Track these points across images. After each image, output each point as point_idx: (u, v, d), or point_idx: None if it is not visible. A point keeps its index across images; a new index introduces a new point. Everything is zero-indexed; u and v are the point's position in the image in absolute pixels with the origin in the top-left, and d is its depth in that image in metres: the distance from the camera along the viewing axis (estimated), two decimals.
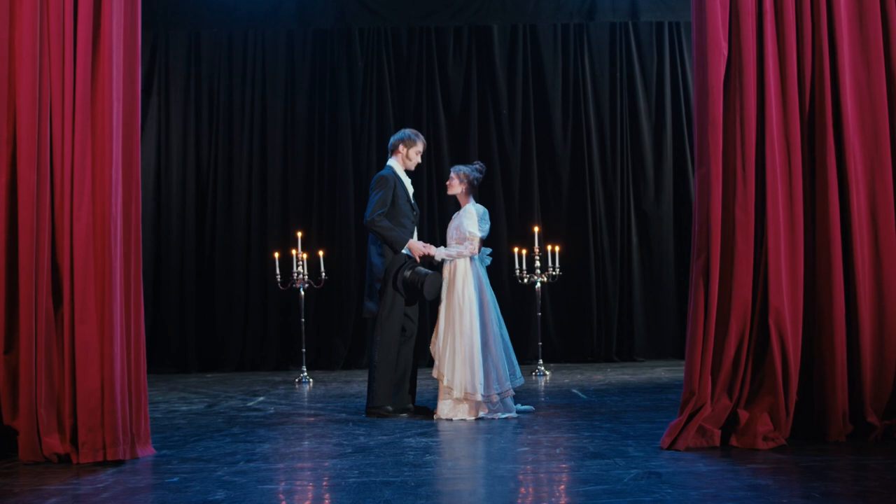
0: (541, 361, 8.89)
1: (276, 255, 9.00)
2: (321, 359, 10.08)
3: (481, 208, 6.24)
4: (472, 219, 6.13)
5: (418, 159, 6.46)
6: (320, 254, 8.90)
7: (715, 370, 4.77)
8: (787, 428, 4.73)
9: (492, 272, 6.40)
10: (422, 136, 6.50)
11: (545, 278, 8.89)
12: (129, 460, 4.71)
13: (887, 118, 4.90)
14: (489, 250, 6.27)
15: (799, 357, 4.78)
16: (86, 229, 4.69)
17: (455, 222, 6.24)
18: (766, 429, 4.67)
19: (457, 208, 6.37)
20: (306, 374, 8.72)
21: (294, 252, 8.69)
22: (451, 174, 6.33)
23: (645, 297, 10.29)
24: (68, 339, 4.68)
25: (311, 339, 9.86)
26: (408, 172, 6.44)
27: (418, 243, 6.26)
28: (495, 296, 6.23)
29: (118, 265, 4.73)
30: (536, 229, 8.95)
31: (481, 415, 5.94)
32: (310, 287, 8.88)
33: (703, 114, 4.82)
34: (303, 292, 8.81)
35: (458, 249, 6.12)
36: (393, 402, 6.18)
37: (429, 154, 9.83)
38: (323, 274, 8.79)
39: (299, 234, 8.81)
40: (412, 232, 6.31)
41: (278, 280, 8.82)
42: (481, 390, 5.90)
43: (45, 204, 4.73)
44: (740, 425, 4.71)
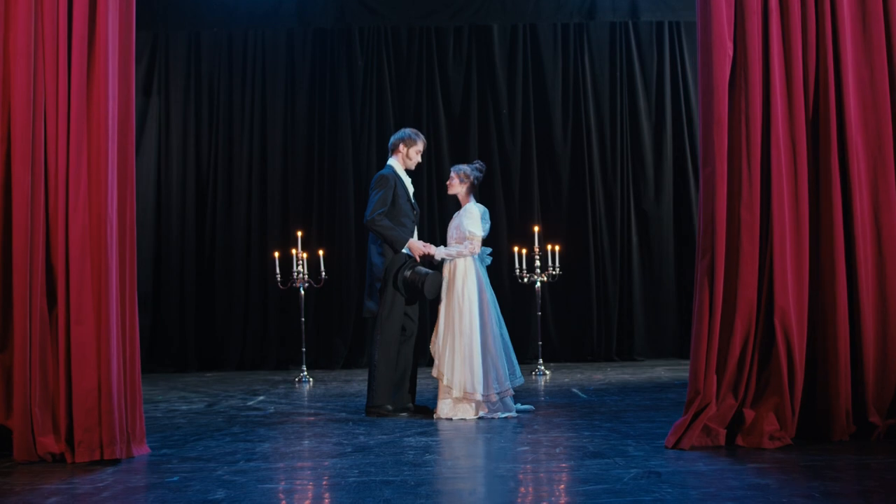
0: (541, 361, 8.89)
1: (276, 254, 9.01)
2: (321, 358, 10.08)
3: (481, 208, 6.24)
4: (472, 218, 6.13)
5: (419, 159, 6.46)
6: (320, 253, 8.90)
7: (720, 369, 4.76)
8: (793, 427, 4.73)
9: (492, 272, 6.41)
10: (422, 136, 6.50)
11: (545, 278, 8.89)
12: (125, 459, 4.71)
13: (890, 118, 4.90)
14: (489, 250, 6.27)
15: (804, 357, 4.78)
16: (81, 229, 4.69)
17: (455, 221, 6.24)
18: (772, 428, 4.67)
19: (457, 207, 6.37)
20: (306, 373, 8.72)
21: (294, 251, 8.70)
22: (452, 173, 6.33)
23: (645, 297, 10.29)
24: (63, 339, 4.68)
25: (311, 339, 9.86)
26: (408, 172, 6.44)
27: (418, 243, 6.26)
28: (495, 295, 6.23)
29: (114, 265, 4.73)
30: (536, 229, 8.95)
31: (481, 414, 5.94)
32: (310, 286, 8.88)
33: (708, 113, 4.81)
34: (303, 292, 8.82)
35: (457, 249, 6.12)
36: (393, 401, 6.18)
37: (429, 154, 9.83)
38: (323, 273, 8.79)
39: (299, 234, 8.81)
40: (412, 231, 6.31)
41: (278, 279, 8.83)
42: (480, 390, 5.90)
43: (40, 204, 4.73)
44: (746, 425, 4.70)
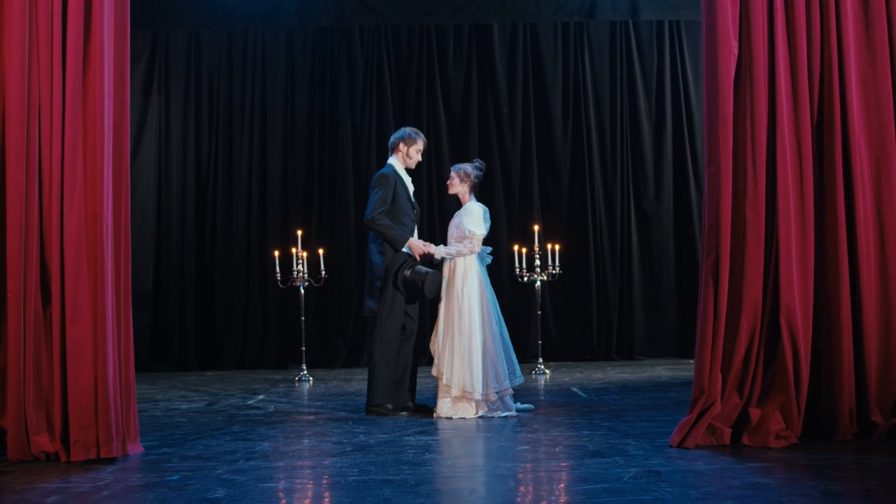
0: (540, 360, 8.89)
1: (276, 253, 9.01)
2: (321, 357, 10.08)
3: (482, 207, 6.24)
4: (472, 217, 6.13)
5: (419, 157, 6.46)
6: (320, 252, 8.90)
7: (725, 368, 4.76)
8: (799, 426, 4.73)
9: (492, 271, 6.41)
10: (422, 135, 6.50)
11: (545, 277, 8.89)
12: (120, 458, 4.71)
13: (892, 117, 4.89)
14: (489, 249, 6.27)
15: (809, 355, 4.78)
16: (77, 228, 4.68)
17: (456, 220, 6.24)
18: (778, 427, 4.67)
19: (458, 206, 6.37)
20: (306, 372, 8.73)
21: (294, 250, 8.70)
22: (452, 173, 6.33)
23: (645, 296, 10.29)
24: (58, 337, 4.67)
25: (311, 338, 9.86)
26: (408, 171, 6.44)
27: (418, 242, 6.26)
28: (495, 294, 6.24)
29: (109, 264, 4.73)
30: (536, 228, 8.95)
31: (481, 413, 5.94)
32: (310, 285, 8.88)
33: (713, 112, 4.80)
34: (303, 291, 8.82)
35: (457, 248, 6.12)
36: (393, 400, 6.18)
37: (429, 153, 9.83)
38: (323, 272, 8.80)
39: (299, 233, 8.81)
40: (412, 230, 6.31)
41: (278, 278, 8.83)
42: (479, 389, 5.90)
43: (34, 203, 4.73)
44: (752, 424, 4.70)
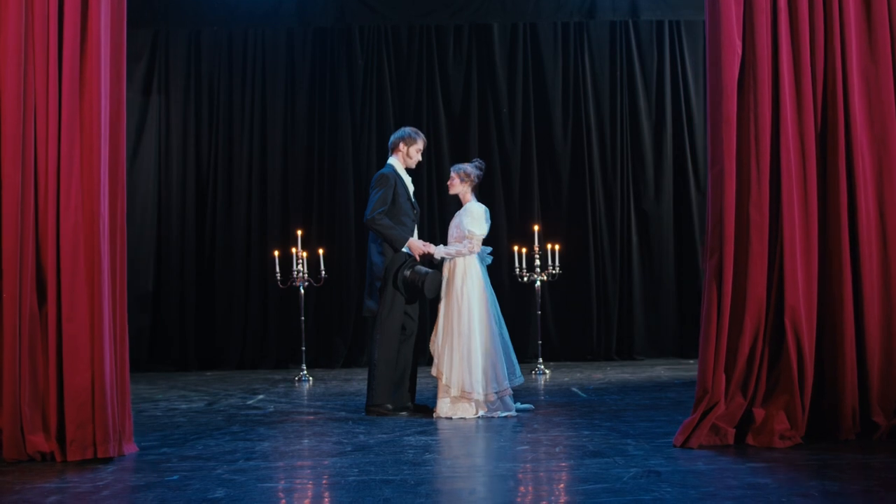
0: (540, 360, 8.89)
1: (276, 253, 9.00)
2: (321, 357, 10.08)
3: (483, 207, 6.24)
4: (472, 217, 6.13)
5: (419, 157, 6.46)
6: (320, 252, 8.90)
7: (729, 368, 4.76)
8: (803, 426, 4.73)
9: (492, 271, 6.41)
10: (422, 135, 6.50)
11: (545, 277, 8.89)
12: (116, 458, 4.71)
13: (895, 116, 4.89)
14: (489, 249, 6.27)
15: (813, 355, 4.78)
16: (74, 227, 4.68)
17: (456, 220, 6.24)
18: (782, 427, 4.67)
19: (458, 206, 6.37)
20: (306, 372, 8.73)
21: (294, 250, 8.70)
22: (452, 173, 6.33)
23: (645, 296, 10.29)
24: (54, 336, 4.67)
25: (311, 338, 9.86)
26: (408, 171, 6.44)
27: (418, 242, 6.26)
28: (495, 294, 6.23)
29: (106, 263, 4.74)
30: (536, 228, 8.95)
31: (481, 413, 5.94)
32: (310, 285, 8.88)
33: (716, 112, 4.80)
34: (302, 291, 8.82)
35: (457, 248, 6.12)
36: (392, 400, 6.18)
37: (429, 153, 9.83)
38: (323, 272, 8.80)
39: (299, 233, 8.81)
40: (412, 230, 6.31)
41: (278, 278, 8.83)
42: (478, 389, 5.90)
43: (30, 203, 4.72)
44: (756, 424, 4.70)
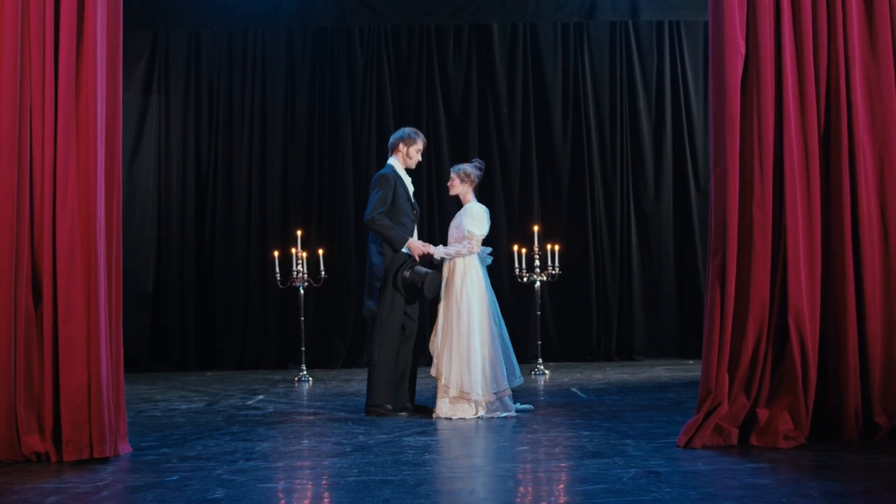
0: (540, 360, 8.89)
1: (276, 253, 9.00)
2: (321, 357, 10.08)
3: (483, 207, 6.24)
4: (472, 217, 6.13)
5: (419, 157, 6.46)
6: (320, 252, 8.90)
7: (732, 369, 4.76)
8: (807, 427, 4.72)
9: (491, 271, 6.40)
10: (422, 135, 6.49)
11: (545, 277, 8.89)
12: (112, 458, 4.71)
13: None
14: (489, 249, 6.26)
15: (817, 356, 4.78)
16: (70, 228, 4.68)
17: (456, 221, 6.24)
18: (786, 428, 4.67)
19: (458, 207, 6.37)
20: (306, 372, 8.72)
21: (294, 251, 8.69)
22: (452, 174, 6.32)
23: (644, 297, 10.28)
24: (49, 337, 4.67)
25: (311, 338, 9.85)
26: (408, 171, 6.44)
27: (418, 242, 6.26)
28: (495, 295, 6.23)
29: (102, 264, 4.73)
30: (536, 228, 8.95)
31: (480, 414, 5.94)
32: (309, 286, 8.88)
33: (719, 113, 4.79)
34: (302, 291, 8.82)
35: (456, 248, 6.12)
36: (392, 400, 6.18)
37: (429, 153, 9.83)
38: (322, 273, 8.79)
39: (299, 233, 8.81)
40: (412, 231, 6.31)
41: (278, 279, 8.83)
42: (477, 389, 5.90)
43: (25, 204, 4.72)
44: (760, 424, 4.70)
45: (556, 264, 8.81)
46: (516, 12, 10.35)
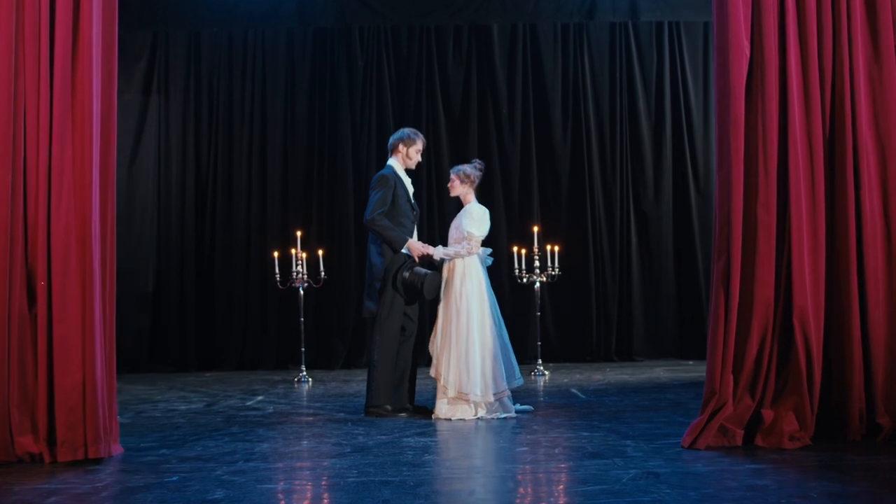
0: (540, 361, 8.89)
1: (276, 254, 9.00)
2: (320, 358, 10.07)
3: (483, 208, 6.24)
4: (471, 218, 6.13)
5: (418, 158, 6.45)
6: (320, 253, 8.90)
7: (736, 369, 4.76)
8: (812, 427, 4.73)
9: (491, 272, 6.40)
10: (421, 135, 6.49)
11: (544, 278, 8.88)
12: (105, 459, 4.71)
13: None
14: (490, 250, 6.26)
15: (821, 356, 4.78)
16: (65, 229, 4.67)
17: (456, 222, 6.24)
18: (791, 428, 4.67)
19: (458, 207, 6.37)
20: (305, 373, 8.72)
21: (293, 251, 8.69)
22: (452, 175, 6.32)
23: (644, 297, 10.28)
24: (44, 338, 4.66)
25: (311, 339, 9.84)
26: (408, 172, 6.44)
27: (417, 243, 6.26)
28: (495, 295, 6.23)
29: (97, 264, 4.73)
30: (536, 229, 8.94)
31: (480, 414, 5.94)
32: (309, 286, 8.88)
33: (724, 113, 4.79)
34: (302, 291, 8.81)
35: (455, 249, 6.12)
36: (392, 401, 6.18)
37: (428, 153, 9.82)
38: (322, 273, 8.79)
39: (299, 234, 8.81)
40: (412, 231, 6.31)
41: (277, 279, 8.82)
42: (475, 390, 5.89)
43: (19, 203, 4.71)
44: (765, 425, 4.70)
45: (556, 265, 8.81)
46: (516, 13, 10.35)
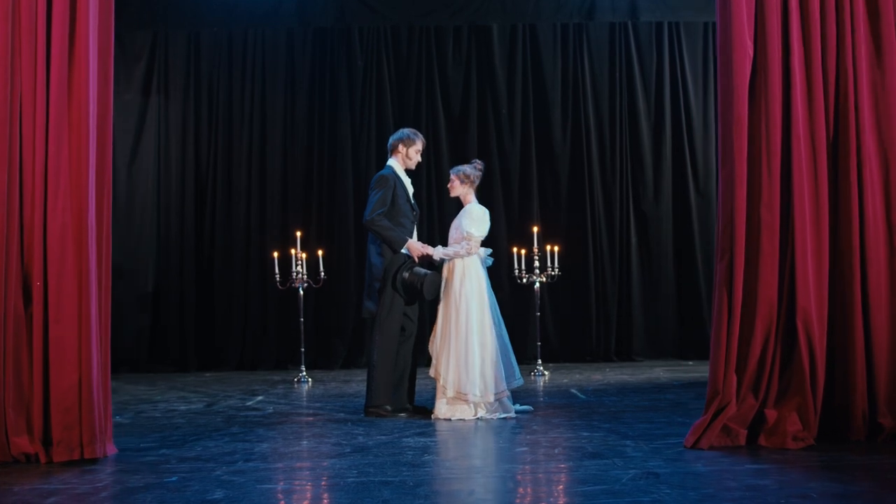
0: (540, 361, 8.89)
1: (276, 254, 9.00)
2: (320, 358, 10.07)
3: (483, 208, 6.24)
4: (471, 218, 6.13)
5: (418, 158, 6.45)
6: (319, 253, 8.90)
7: (740, 370, 4.76)
8: (815, 427, 4.73)
9: (491, 272, 6.40)
10: (421, 135, 6.49)
11: (544, 278, 8.88)
12: (101, 459, 4.71)
13: None
14: (490, 251, 6.26)
15: (824, 357, 4.78)
16: (61, 229, 4.67)
17: (456, 222, 6.24)
18: (795, 428, 4.66)
19: (458, 207, 6.37)
20: (305, 373, 8.72)
21: (293, 251, 8.69)
22: (451, 176, 6.32)
23: (644, 298, 10.28)
24: (40, 338, 4.65)
25: (310, 339, 9.85)
26: (408, 172, 6.44)
27: (417, 243, 6.26)
28: (495, 296, 6.23)
29: (93, 265, 4.73)
30: (535, 229, 8.94)
31: (479, 414, 5.93)
32: (309, 286, 8.88)
33: (727, 113, 4.79)
34: (302, 292, 8.81)
35: (455, 249, 6.12)
36: (392, 401, 6.17)
37: (428, 154, 9.82)
38: (322, 273, 8.79)
39: (298, 234, 8.80)
40: (412, 232, 6.31)
41: (277, 279, 8.82)
42: (474, 390, 5.89)
43: (15, 203, 4.71)
44: (769, 425, 4.70)
45: (556, 265, 8.81)
46: (516, 13, 10.35)
